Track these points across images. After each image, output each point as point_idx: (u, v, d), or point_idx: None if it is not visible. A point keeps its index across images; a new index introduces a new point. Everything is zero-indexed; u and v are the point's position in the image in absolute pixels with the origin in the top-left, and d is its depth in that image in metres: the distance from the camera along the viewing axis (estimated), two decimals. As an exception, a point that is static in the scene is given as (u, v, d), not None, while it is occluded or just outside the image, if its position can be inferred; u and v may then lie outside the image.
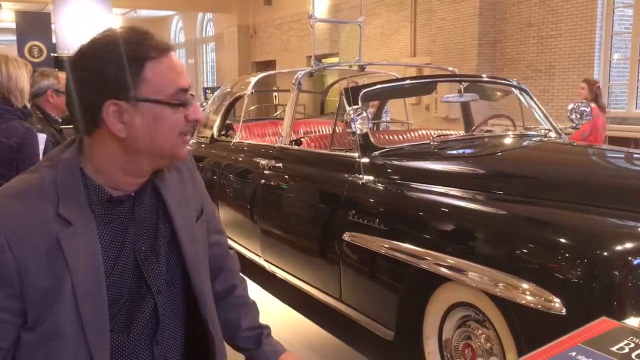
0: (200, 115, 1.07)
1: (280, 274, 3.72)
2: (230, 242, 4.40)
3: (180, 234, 1.12)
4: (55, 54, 11.70)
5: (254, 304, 1.38)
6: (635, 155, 3.16)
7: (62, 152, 1.06)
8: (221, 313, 1.30)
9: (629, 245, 1.91)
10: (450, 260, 2.33)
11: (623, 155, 3.14)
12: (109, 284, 1.02)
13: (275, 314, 3.77)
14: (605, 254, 1.90)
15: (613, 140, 6.19)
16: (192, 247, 1.14)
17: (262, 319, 1.39)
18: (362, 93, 3.25)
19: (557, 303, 1.92)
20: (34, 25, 12.36)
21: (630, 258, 1.86)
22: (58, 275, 0.97)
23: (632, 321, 1.79)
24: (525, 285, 2.03)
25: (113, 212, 1.06)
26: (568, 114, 3.50)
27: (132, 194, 1.08)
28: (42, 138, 2.77)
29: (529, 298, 2.00)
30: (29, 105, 2.84)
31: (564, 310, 1.90)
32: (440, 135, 3.36)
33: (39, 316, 0.97)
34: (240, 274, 1.42)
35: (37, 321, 0.97)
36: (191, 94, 1.07)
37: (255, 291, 4.21)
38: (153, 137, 1.03)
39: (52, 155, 1.08)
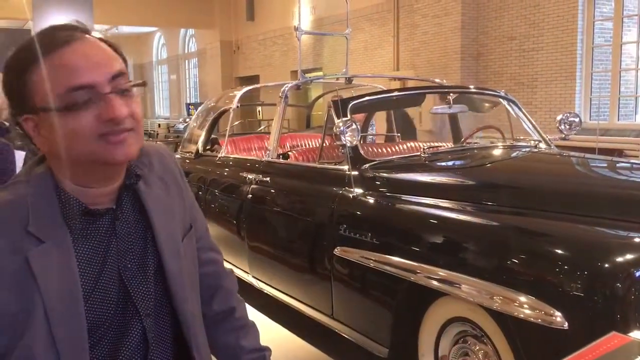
0: (118, 112, 0.90)
1: (269, 290, 3.64)
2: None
3: (161, 248, 1.02)
4: (36, 71, 11.54)
5: (253, 324, 1.30)
6: (625, 165, 3.15)
7: (35, 166, 0.98)
8: (221, 336, 1.22)
9: (630, 256, 1.87)
10: (446, 274, 2.27)
11: (614, 166, 3.13)
12: (89, 306, 0.93)
13: (264, 332, 3.65)
14: (607, 265, 1.86)
15: (597, 152, 6.23)
16: (176, 264, 1.04)
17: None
18: (350, 105, 3.21)
19: (558, 317, 1.87)
20: (14, 43, 12.15)
21: (632, 270, 1.82)
22: (28, 299, 0.87)
23: (637, 334, 1.75)
24: (523, 299, 1.98)
25: (91, 226, 0.96)
26: (557, 124, 3.50)
27: (114, 207, 0.98)
28: (20, 155, 2.70)
29: (529, 312, 1.95)
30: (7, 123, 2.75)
31: (566, 325, 1.85)
32: (430, 147, 3.33)
33: (9, 344, 0.87)
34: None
35: (6, 350, 0.87)
36: (123, 90, 0.93)
37: (243, 309, 4.12)
38: (66, 146, 0.91)
39: (26, 170, 0.99)
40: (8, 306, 0.86)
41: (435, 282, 2.31)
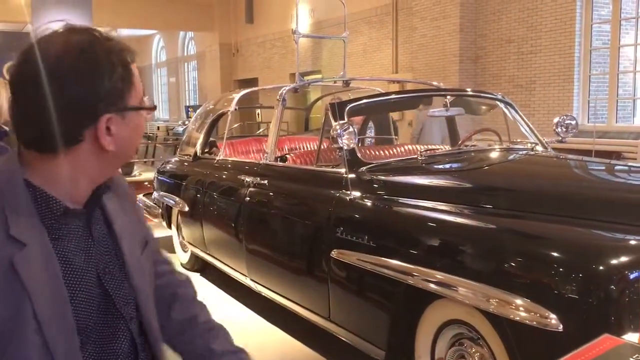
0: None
1: (267, 293, 3.64)
2: (214, 261, 4.32)
3: (128, 263, 1.03)
4: (35, 73, 11.54)
5: (222, 327, 1.26)
6: (621, 168, 3.16)
7: None
8: (188, 344, 1.19)
9: (624, 258, 1.88)
10: (442, 276, 2.28)
11: (611, 168, 3.14)
12: (75, 307, 0.91)
13: (262, 335, 3.68)
14: (602, 268, 1.87)
15: (595, 154, 6.24)
16: (141, 279, 1.05)
17: (250, 340, 1.30)
18: (347, 108, 3.22)
19: (553, 319, 1.88)
20: (13, 45, 12.23)
21: (626, 272, 1.83)
22: (16, 304, 0.85)
23: (631, 337, 1.75)
24: (519, 302, 1.98)
25: (68, 226, 0.94)
26: (554, 127, 3.51)
27: (84, 210, 0.97)
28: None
29: (524, 314, 1.96)
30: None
31: (560, 327, 1.86)
32: (427, 150, 3.33)
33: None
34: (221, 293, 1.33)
35: None
36: None
37: (241, 311, 4.12)
38: (133, 144, 0.98)
39: None
40: None
41: (431, 285, 2.31)
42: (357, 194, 2.90)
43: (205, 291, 4.59)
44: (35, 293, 0.86)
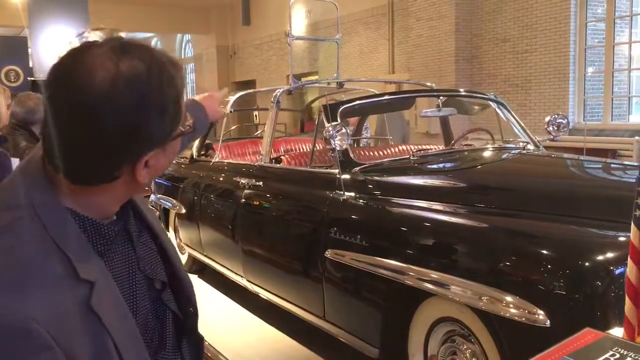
0: None
1: (263, 293, 3.67)
2: (211, 263, 4.35)
3: (163, 241, 1.03)
4: (32, 78, 11.57)
5: None
6: (612, 166, 3.19)
7: (25, 195, 0.83)
8: None
9: (610, 255, 1.91)
10: (433, 275, 2.31)
11: (601, 166, 3.17)
12: (137, 322, 0.89)
13: (258, 334, 3.71)
14: (588, 264, 1.90)
15: (590, 152, 6.27)
16: (170, 244, 1.05)
17: (246, 339, 1.35)
18: (341, 109, 3.25)
19: (540, 315, 1.91)
20: (10, 50, 12.25)
21: (612, 268, 1.85)
22: (103, 346, 0.81)
23: (616, 331, 1.78)
24: (508, 298, 2.01)
25: (114, 244, 0.91)
26: (545, 126, 3.54)
27: (123, 223, 0.95)
28: (15, 162, 2.73)
29: (513, 311, 1.99)
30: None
31: (548, 322, 1.88)
32: (419, 150, 3.36)
33: None
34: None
35: None
36: None
37: (238, 312, 4.15)
38: (165, 169, 0.92)
39: (13, 202, 0.83)
40: (88, 356, 0.79)
41: (422, 283, 2.34)
42: (350, 194, 2.93)
43: (203, 292, 4.62)
44: (113, 327, 0.82)
